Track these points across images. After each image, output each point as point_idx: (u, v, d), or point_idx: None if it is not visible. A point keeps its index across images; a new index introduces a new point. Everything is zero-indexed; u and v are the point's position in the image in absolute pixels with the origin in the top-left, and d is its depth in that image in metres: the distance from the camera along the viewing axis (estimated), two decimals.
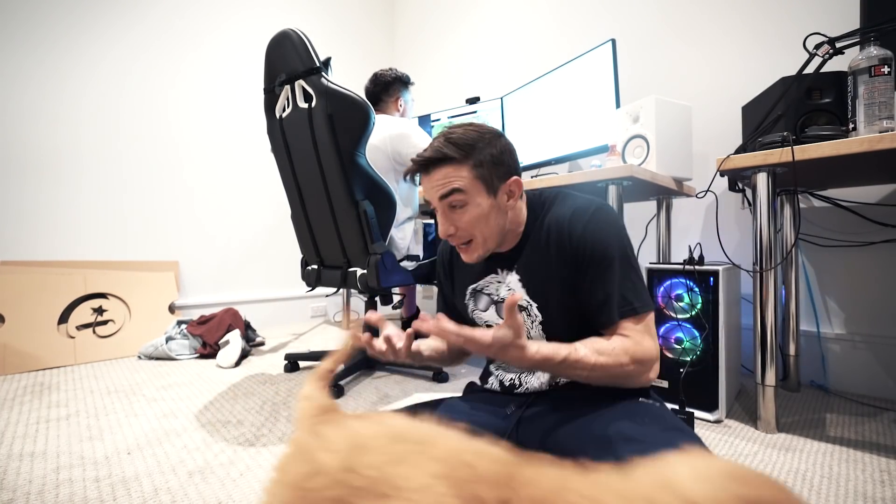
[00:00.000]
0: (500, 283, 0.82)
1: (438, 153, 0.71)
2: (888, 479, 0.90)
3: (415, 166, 0.74)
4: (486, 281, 0.84)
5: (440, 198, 0.73)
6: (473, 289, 0.85)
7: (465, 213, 0.73)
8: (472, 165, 0.71)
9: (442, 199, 0.73)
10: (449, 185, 0.71)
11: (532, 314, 0.80)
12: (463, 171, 0.71)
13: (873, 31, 1.00)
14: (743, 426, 1.17)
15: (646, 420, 0.69)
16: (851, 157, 0.96)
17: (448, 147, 0.71)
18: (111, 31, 2.19)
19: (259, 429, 1.18)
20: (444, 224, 0.75)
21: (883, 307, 1.42)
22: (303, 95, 1.36)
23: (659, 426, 0.67)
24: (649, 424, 0.67)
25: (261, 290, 2.69)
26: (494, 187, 0.73)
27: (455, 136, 0.72)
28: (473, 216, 0.73)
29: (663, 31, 1.91)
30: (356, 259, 1.45)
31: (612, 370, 0.68)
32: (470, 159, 0.71)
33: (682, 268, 1.24)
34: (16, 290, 1.84)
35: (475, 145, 0.71)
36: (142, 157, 2.29)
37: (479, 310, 0.86)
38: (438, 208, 0.74)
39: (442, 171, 0.71)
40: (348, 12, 3.15)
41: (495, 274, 0.82)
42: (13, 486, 0.89)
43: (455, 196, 0.71)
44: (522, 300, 0.79)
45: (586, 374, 0.68)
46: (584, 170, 1.38)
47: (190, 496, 0.86)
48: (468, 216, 0.73)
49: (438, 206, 0.74)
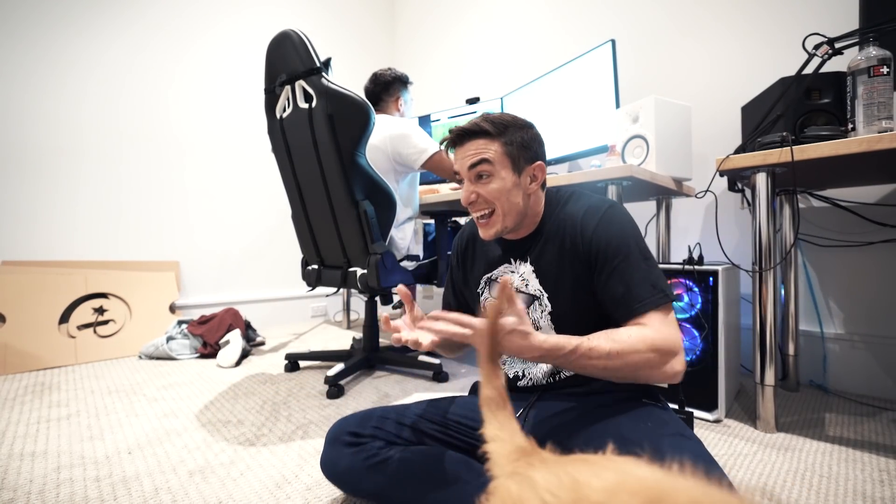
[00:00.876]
0: (513, 272, 0.85)
1: (476, 127, 0.78)
2: (887, 478, 0.90)
3: (451, 136, 0.80)
4: (501, 270, 0.87)
5: (470, 167, 0.78)
6: (488, 278, 0.88)
7: (490, 183, 0.78)
8: (504, 143, 0.77)
9: (471, 168, 0.78)
10: (479, 154, 0.77)
11: (543, 304, 0.81)
12: (494, 145, 0.77)
13: (872, 32, 1.00)
14: (742, 426, 1.17)
15: (648, 424, 0.69)
16: (850, 157, 0.97)
17: (485, 123, 0.77)
18: (110, 31, 2.19)
19: (259, 428, 1.18)
20: (467, 191, 0.80)
21: (882, 307, 1.42)
22: (303, 95, 1.37)
23: (662, 431, 0.67)
24: (652, 429, 0.68)
25: (261, 289, 2.69)
26: (520, 167, 0.79)
27: (492, 116, 0.79)
28: (497, 188, 0.78)
29: (663, 31, 1.91)
30: (356, 259, 1.46)
31: (630, 358, 0.66)
32: (503, 137, 0.77)
33: (681, 268, 1.24)
34: (16, 290, 1.84)
35: (509, 126, 0.78)
36: (142, 157, 2.29)
37: (494, 298, 0.87)
38: (466, 177, 0.80)
39: (475, 143, 0.78)
40: (348, 12, 3.15)
41: (509, 263, 0.86)
42: (14, 486, 0.89)
43: (483, 166, 0.77)
44: (535, 290, 0.81)
45: (602, 364, 0.66)
46: (584, 170, 1.38)
47: (190, 496, 0.86)
48: (492, 186, 0.78)
49: (467, 175, 0.80)
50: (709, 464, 0.62)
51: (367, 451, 0.76)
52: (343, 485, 0.79)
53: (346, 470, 0.76)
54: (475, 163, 0.77)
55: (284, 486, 0.89)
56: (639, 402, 0.77)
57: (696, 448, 0.65)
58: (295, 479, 0.92)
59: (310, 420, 1.24)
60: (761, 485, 0.88)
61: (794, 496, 0.84)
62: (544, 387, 0.84)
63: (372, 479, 0.75)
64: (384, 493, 0.73)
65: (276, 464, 0.98)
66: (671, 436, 0.66)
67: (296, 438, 1.12)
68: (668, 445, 0.64)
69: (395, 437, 0.80)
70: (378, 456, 0.76)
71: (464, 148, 0.79)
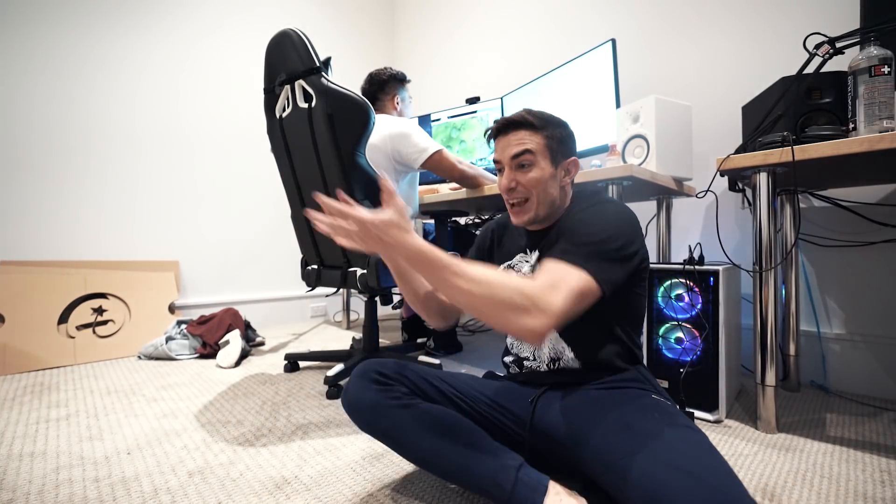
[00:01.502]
0: (527, 261, 0.91)
1: (522, 118, 0.82)
2: (888, 479, 0.90)
3: (496, 126, 0.85)
4: (518, 259, 0.93)
5: (513, 156, 0.83)
6: (507, 265, 0.95)
7: (530, 172, 0.83)
8: (545, 136, 0.83)
9: (514, 157, 0.83)
10: (523, 145, 0.82)
11: None
12: (537, 137, 0.82)
13: (873, 31, 1.00)
14: (743, 426, 1.17)
15: (655, 415, 0.69)
16: (851, 156, 0.96)
17: (530, 115, 0.82)
18: (111, 34, 2.19)
19: (259, 429, 1.18)
20: (508, 178, 0.84)
21: (883, 307, 1.42)
22: (303, 95, 1.36)
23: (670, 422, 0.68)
24: (659, 419, 0.68)
25: (261, 290, 2.69)
26: (557, 160, 0.84)
27: (536, 111, 0.84)
28: (536, 177, 0.82)
29: (663, 31, 1.91)
30: (356, 259, 1.45)
31: (496, 291, 0.63)
32: (545, 130, 0.83)
33: (682, 268, 1.24)
34: (16, 290, 1.84)
35: (550, 122, 0.84)
36: (142, 157, 2.29)
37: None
38: (508, 165, 0.84)
39: (520, 134, 0.83)
40: (348, 12, 3.15)
41: (524, 254, 0.92)
42: (13, 486, 0.89)
43: (526, 156, 0.82)
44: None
45: (467, 288, 0.63)
46: (585, 170, 1.38)
47: (190, 496, 0.86)
48: (532, 175, 0.82)
49: (508, 163, 0.84)
50: (715, 457, 0.61)
51: (393, 392, 0.78)
52: (362, 419, 0.79)
53: (370, 405, 0.78)
54: (519, 152, 0.82)
55: (284, 487, 0.89)
56: (648, 395, 0.78)
57: (704, 441, 0.64)
58: (295, 480, 0.91)
59: (309, 420, 1.23)
60: (762, 485, 0.88)
61: (796, 496, 0.83)
62: (546, 373, 0.87)
63: (393, 419, 0.76)
64: (398, 436, 0.75)
65: (275, 464, 0.98)
66: (679, 426, 0.66)
67: (295, 439, 1.11)
68: (674, 436, 0.63)
69: (420, 390, 0.82)
70: (402, 400, 0.78)
71: (507, 137, 0.84)
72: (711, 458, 0.58)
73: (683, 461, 0.57)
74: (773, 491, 0.85)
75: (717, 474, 0.55)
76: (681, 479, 0.54)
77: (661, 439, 0.62)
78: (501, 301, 0.63)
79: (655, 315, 1.30)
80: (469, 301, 0.64)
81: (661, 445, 0.60)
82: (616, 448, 0.64)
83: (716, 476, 0.54)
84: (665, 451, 0.59)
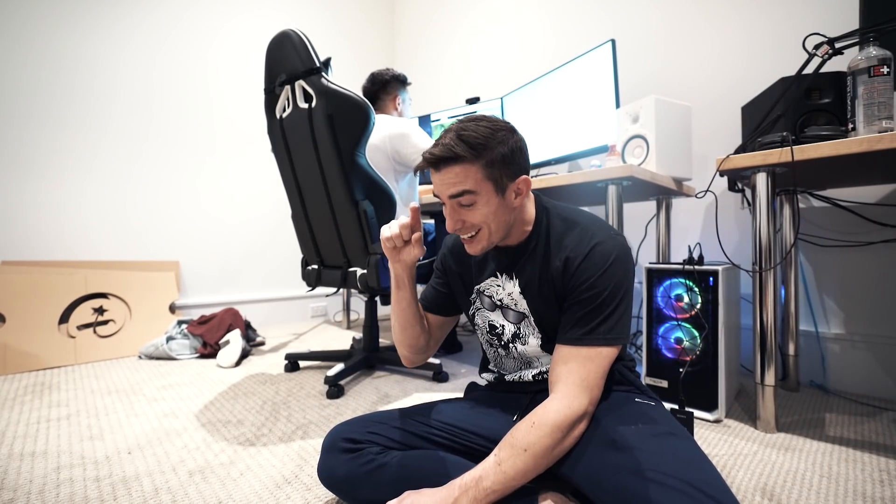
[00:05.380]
0: (500, 287, 0.84)
1: (450, 152, 0.69)
2: (887, 478, 0.90)
3: (424, 163, 0.73)
4: (488, 284, 0.86)
5: (450, 196, 0.72)
6: (478, 289, 0.88)
7: (474, 211, 0.73)
8: (483, 165, 0.70)
9: (452, 197, 0.72)
10: (459, 185, 0.70)
11: (531, 325, 0.82)
12: (473, 169, 0.70)
13: (872, 32, 1.00)
14: (742, 426, 1.17)
15: (639, 425, 0.70)
16: (851, 157, 0.96)
17: (459, 146, 0.69)
18: (114, 32, 2.19)
19: (259, 428, 1.18)
20: (452, 219, 0.75)
21: (882, 307, 1.42)
22: (303, 95, 1.37)
23: (651, 431, 0.68)
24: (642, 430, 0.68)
25: (261, 289, 2.69)
26: (503, 186, 0.72)
27: (467, 133, 0.69)
28: (482, 214, 0.73)
29: (663, 31, 1.91)
30: (356, 259, 1.46)
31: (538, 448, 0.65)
32: (481, 158, 0.69)
33: (681, 268, 1.24)
34: (16, 290, 1.84)
35: (486, 144, 0.69)
36: (142, 157, 2.29)
37: (486, 309, 0.88)
38: (448, 204, 0.74)
39: (453, 170, 0.70)
40: (348, 12, 3.15)
41: (495, 277, 0.85)
42: (14, 486, 0.89)
43: (465, 196, 0.71)
44: (524, 309, 0.82)
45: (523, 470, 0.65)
46: (584, 170, 1.38)
47: (190, 496, 0.86)
48: (477, 214, 0.73)
49: (448, 202, 0.74)
50: (699, 461, 0.62)
51: (364, 456, 0.75)
52: (341, 492, 0.77)
53: (344, 477, 0.75)
54: (455, 194, 0.71)
55: (284, 487, 0.89)
56: (631, 401, 0.78)
57: (686, 446, 0.65)
58: (295, 479, 0.91)
59: (310, 420, 1.24)
60: (762, 485, 0.88)
61: (795, 496, 0.84)
62: (531, 382, 0.85)
63: (370, 486, 0.74)
64: (383, 498, 0.71)
65: (275, 464, 0.98)
66: (661, 435, 0.67)
67: (296, 438, 1.12)
68: (656, 446, 0.64)
69: (392, 441, 0.79)
70: (375, 461, 0.75)
71: (441, 174, 0.71)
72: (696, 469, 0.60)
73: (666, 476, 0.58)
74: (773, 490, 0.85)
75: (704, 486, 0.56)
76: (664, 494, 0.56)
77: (646, 452, 0.63)
78: (547, 449, 0.66)
79: (655, 315, 1.30)
80: (533, 472, 0.66)
81: (646, 460, 0.61)
82: (603, 464, 0.65)
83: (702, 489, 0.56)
84: (650, 464, 0.60)
